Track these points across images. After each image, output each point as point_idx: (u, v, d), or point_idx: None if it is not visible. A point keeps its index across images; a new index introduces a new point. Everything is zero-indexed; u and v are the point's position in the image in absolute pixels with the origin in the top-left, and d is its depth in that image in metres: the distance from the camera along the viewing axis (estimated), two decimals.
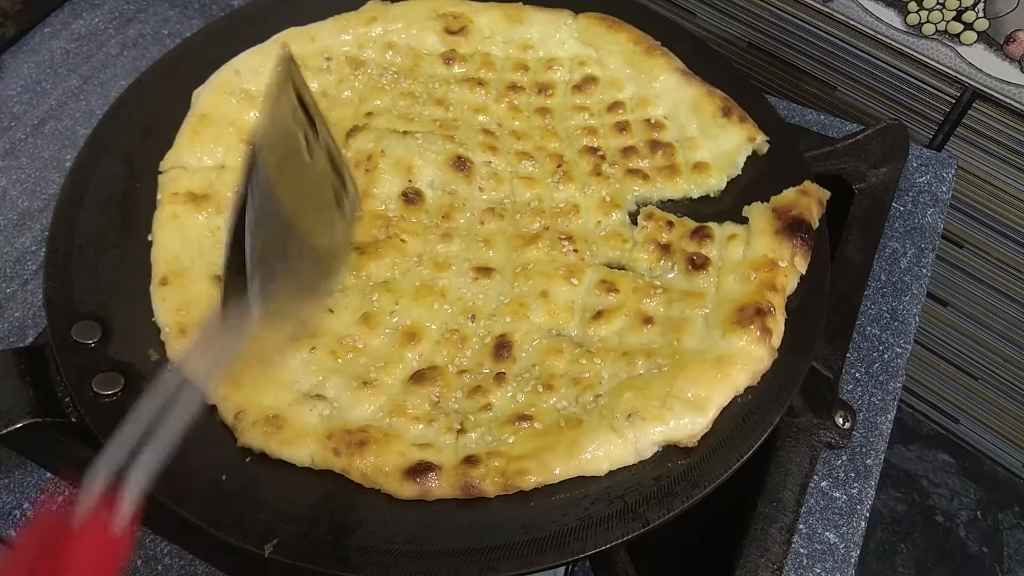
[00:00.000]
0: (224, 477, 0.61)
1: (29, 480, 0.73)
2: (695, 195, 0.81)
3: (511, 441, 0.63)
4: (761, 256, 0.72)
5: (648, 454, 0.63)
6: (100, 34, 1.09)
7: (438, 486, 0.60)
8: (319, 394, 0.65)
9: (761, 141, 0.82)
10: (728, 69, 0.89)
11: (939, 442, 1.43)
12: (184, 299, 0.68)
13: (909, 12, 0.96)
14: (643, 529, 0.59)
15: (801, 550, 0.71)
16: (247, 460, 0.62)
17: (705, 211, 0.80)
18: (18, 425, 0.64)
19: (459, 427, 0.64)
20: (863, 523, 0.73)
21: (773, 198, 0.77)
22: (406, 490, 0.60)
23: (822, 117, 1.00)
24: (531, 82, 0.89)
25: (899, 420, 0.97)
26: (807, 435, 0.75)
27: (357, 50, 0.88)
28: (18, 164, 0.96)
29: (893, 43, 1.00)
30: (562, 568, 0.70)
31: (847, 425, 0.76)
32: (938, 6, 0.94)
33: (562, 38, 0.92)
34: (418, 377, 0.67)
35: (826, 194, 0.77)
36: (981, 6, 0.91)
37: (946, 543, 1.34)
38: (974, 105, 1.00)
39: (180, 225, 0.73)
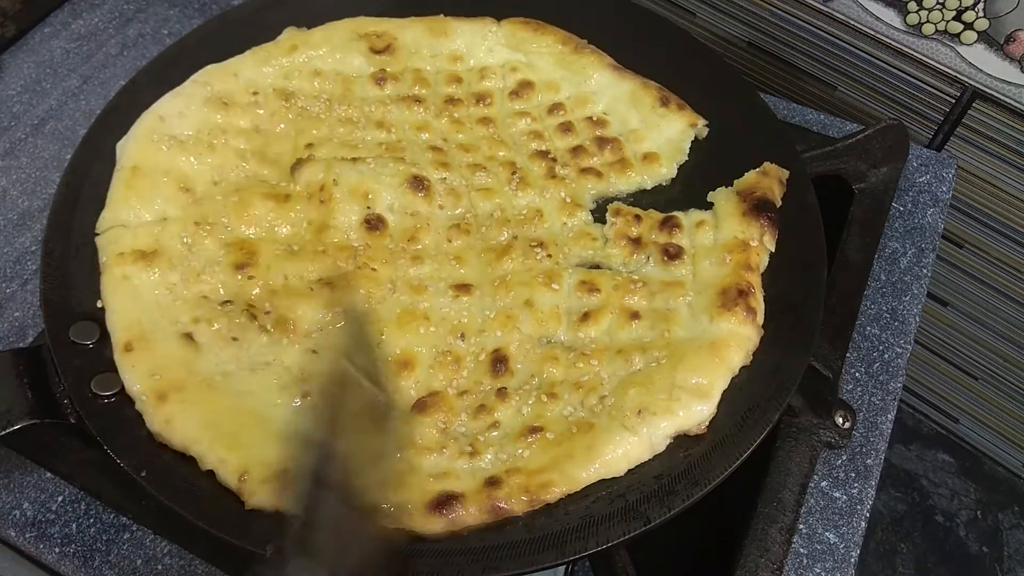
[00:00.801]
0: None
1: (29, 480, 0.73)
2: (649, 186, 0.83)
3: (526, 455, 0.62)
4: (732, 238, 0.74)
5: (662, 448, 0.63)
6: (100, 34, 1.09)
7: (467, 514, 0.58)
8: None
9: (701, 126, 0.84)
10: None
11: (939, 442, 1.43)
12: (155, 363, 0.64)
13: (909, 12, 0.96)
14: (644, 528, 0.59)
15: (801, 550, 0.71)
16: None
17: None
18: (17, 426, 0.63)
19: (470, 449, 0.63)
20: (863, 523, 0.73)
21: (736, 181, 0.78)
22: (433, 525, 0.58)
23: (822, 117, 1.00)
24: (467, 93, 0.88)
25: (899, 420, 0.97)
26: (807, 435, 0.75)
27: (284, 81, 0.85)
28: (18, 164, 0.96)
29: (893, 43, 1.00)
30: (562, 568, 0.70)
31: (847, 425, 0.76)
32: (938, 6, 0.94)
33: (490, 46, 0.91)
34: (420, 406, 0.65)
35: (785, 173, 0.79)
36: (981, 6, 0.91)
37: (946, 543, 1.34)
38: (974, 105, 1.00)
39: (132, 287, 0.69)
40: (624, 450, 0.62)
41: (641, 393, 0.64)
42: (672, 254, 0.74)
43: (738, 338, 0.67)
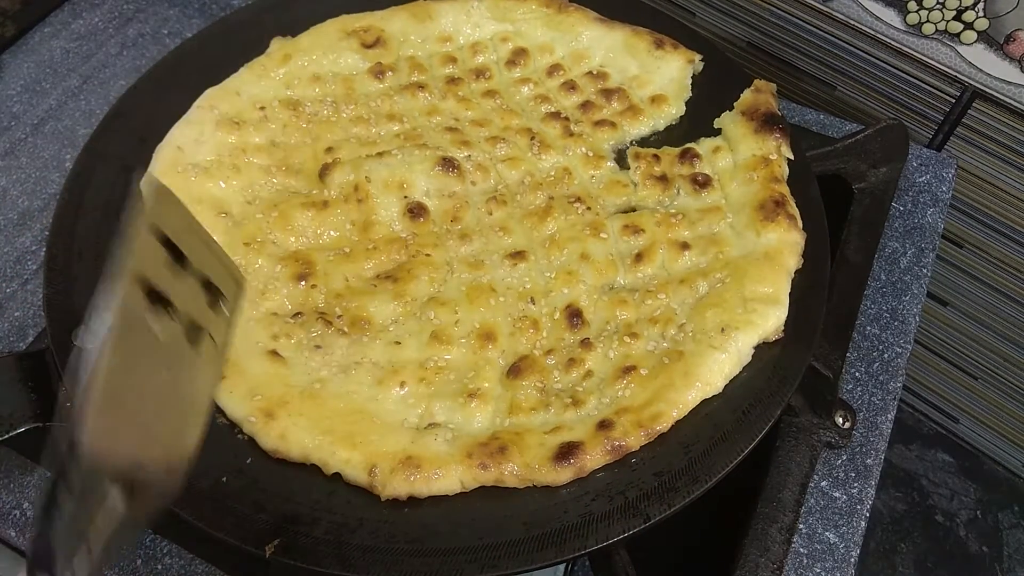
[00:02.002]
0: (225, 479, 0.61)
1: (29, 480, 0.73)
2: (662, 127, 0.86)
3: (628, 394, 0.65)
4: (751, 156, 0.78)
5: (748, 359, 0.67)
6: (100, 34, 1.09)
7: (591, 459, 0.61)
8: (431, 423, 0.65)
9: (698, 62, 0.88)
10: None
11: (939, 442, 1.43)
12: (250, 385, 0.65)
13: (909, 12, 0.96)
14: (644, 525, 0.59)
15: (801, 550, 0.71)
16: (248, 462, 0.62)
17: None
18: (21, 429, 0.64)
19: (571, 401, 0.65)
20: (863, 523, 0.73)
21: (736, 104, 0.83)
22: (561, 475, 0.61)
23: (822, 117, 1.00)
24: (465, 71, 0.90)
25: (899, 420, 0.97)
26: (807, 435, 0.75)
27: (286, 91, 0.85)
28: (18, 164, 0.96)
29: (893, 43, 1.00)
30: (561, 567, 0.70)
31: (847, 425, 0.76)
32: (938, 6, 0.94)
33: (475, 21, 0.93)
34: (514, 371, 0.67)
35: (773, 86, 0.84)
36: (981, 6, 0.91)
37: (946, 543, 1.33)
38: (974, 105, 1.00)
39: None
40: (718, 367, 0.65)
41: (719, 313, 0.68)
42: (701, 183, 0.78)
43: (788, 244, 0.72)
